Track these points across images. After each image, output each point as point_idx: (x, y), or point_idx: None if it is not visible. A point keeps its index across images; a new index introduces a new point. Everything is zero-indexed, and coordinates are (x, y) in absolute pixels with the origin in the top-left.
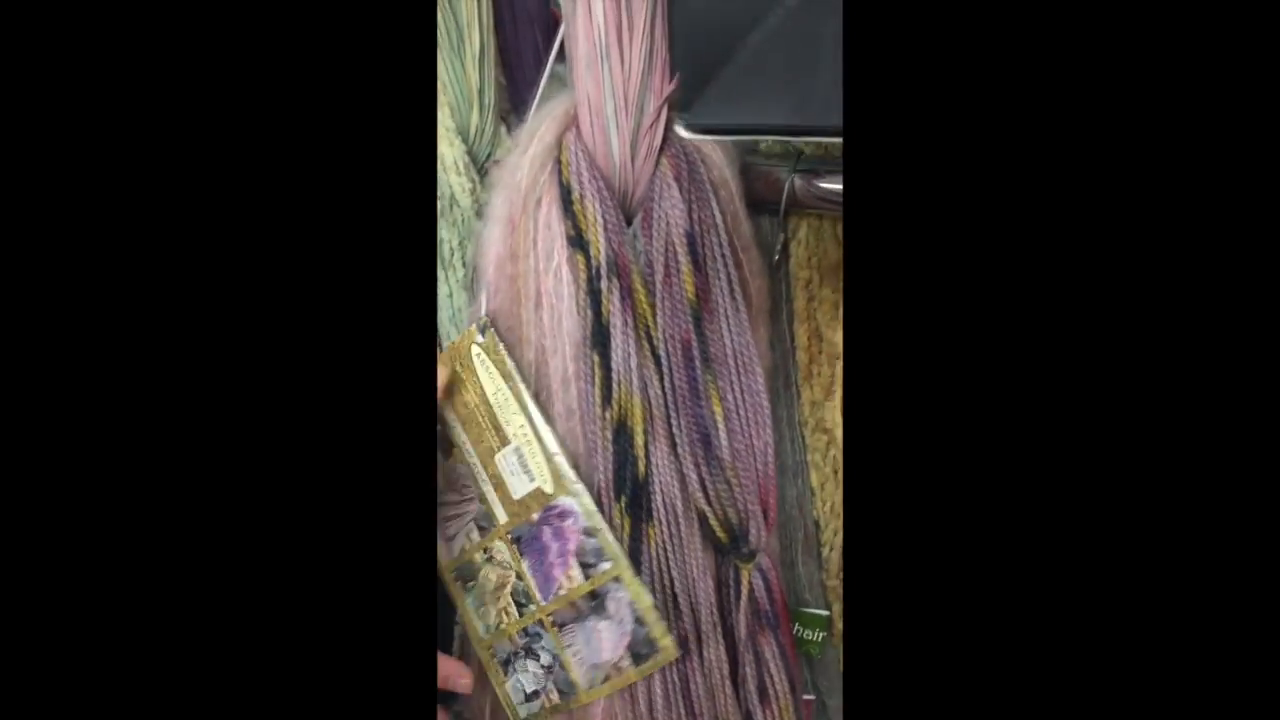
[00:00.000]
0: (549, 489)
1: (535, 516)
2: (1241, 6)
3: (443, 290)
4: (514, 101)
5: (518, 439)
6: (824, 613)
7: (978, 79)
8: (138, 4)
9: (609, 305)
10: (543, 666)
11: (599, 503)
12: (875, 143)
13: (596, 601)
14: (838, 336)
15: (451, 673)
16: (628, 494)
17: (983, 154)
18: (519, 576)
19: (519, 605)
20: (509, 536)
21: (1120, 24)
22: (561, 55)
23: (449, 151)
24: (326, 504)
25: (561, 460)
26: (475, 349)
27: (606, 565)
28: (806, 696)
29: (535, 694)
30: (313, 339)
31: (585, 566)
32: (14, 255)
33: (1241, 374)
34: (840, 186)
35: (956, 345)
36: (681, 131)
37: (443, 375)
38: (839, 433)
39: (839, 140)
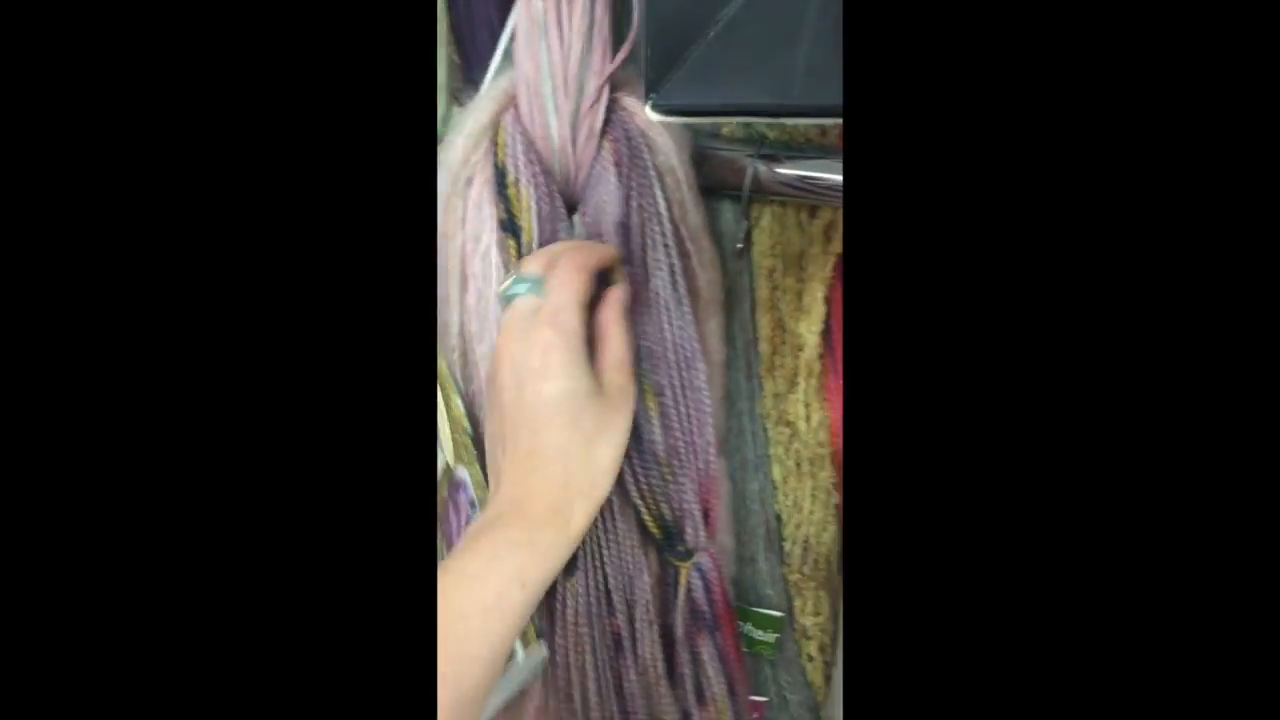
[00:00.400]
0: (451, 461)
1: (445, 493)
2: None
3: None
4: (466, 80)
5: (441, 417)
6: (777, 614)
7: (976, 67)
8: (136, 4)
9: None
10: None
11: None
12: (874, 130)
13: None
14: (801, 327)
15: None
16: None
17: (982, 144)
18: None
19: None
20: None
21: (1122, 11)
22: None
23: None
24: (325, 503)
25: (464, 435)
26: None
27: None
28: (758, 698)
29: None
30: (311, 338)
31: None
32: (14, 255)
33: (1241, 371)
34: (804, 172)
35: (957, 338)
36: (650, 114)
37: None
38: (802, 425)
39: (804, 122)
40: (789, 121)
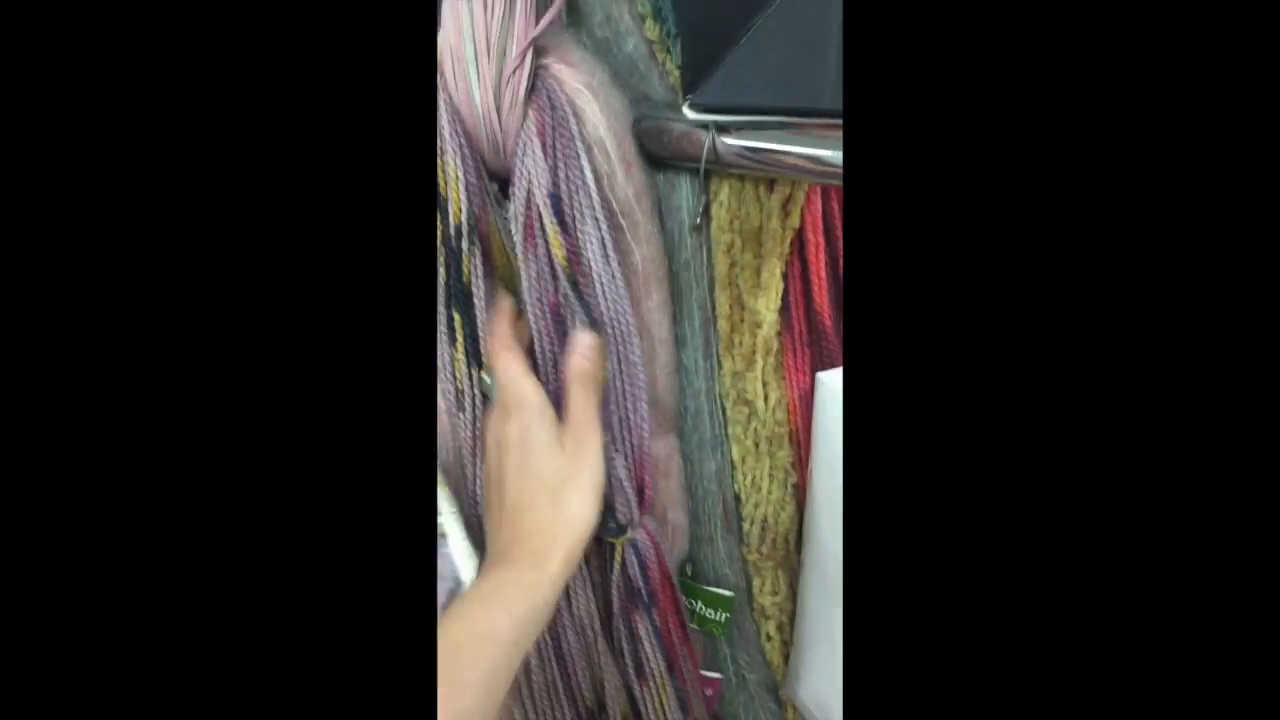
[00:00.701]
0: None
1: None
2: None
3: None
4: None
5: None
6: (727, 593)
7: (979, 67)
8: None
9: (470, 266)
10: None
11: (461, 466)
12: (876, 131)
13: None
14: (759, 304)
15: None
16: None
17: (985, 141)
18: None
19: None
20: None
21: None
22: None
23: None
24: (325, 503)
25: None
26: None
27: (442, 518)
28: (711, 674)
29: None
30: (309, 336)
31: None
32: (11, 255)
33: (1242, 368)
34: (761, 144)
35: (959, 332)
36: (688, 113)
37: None
38: (760, 404)
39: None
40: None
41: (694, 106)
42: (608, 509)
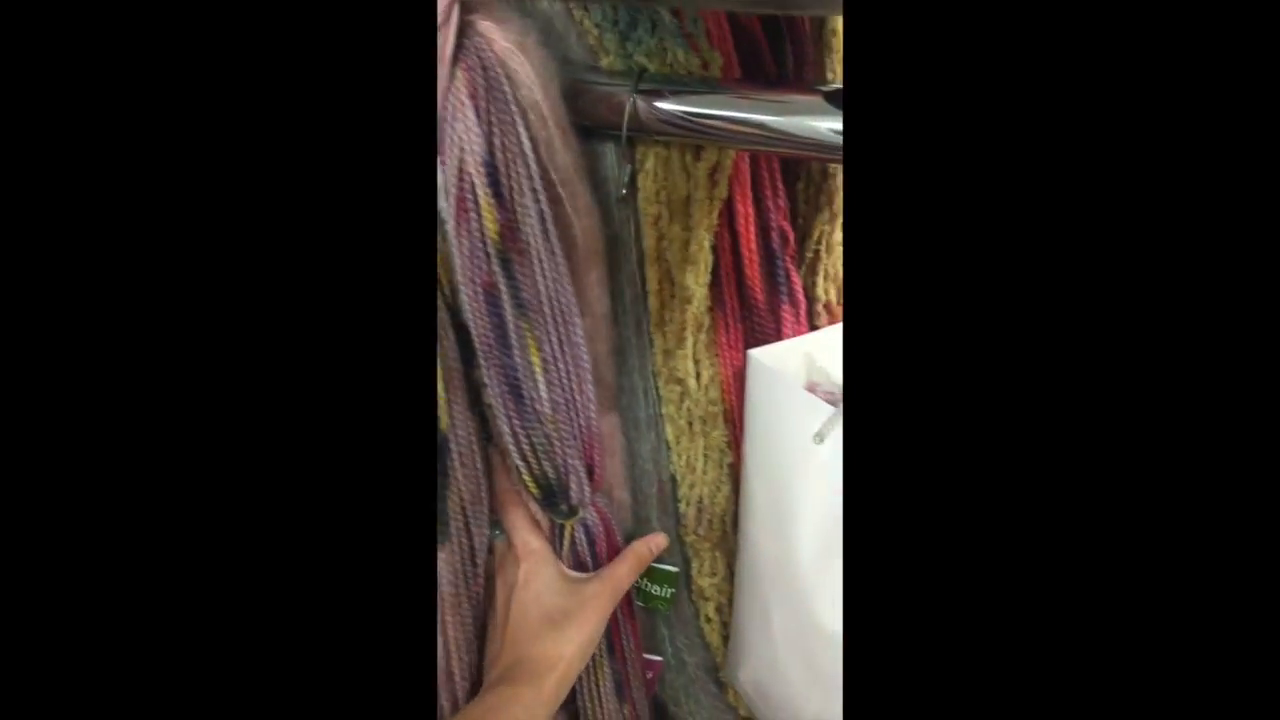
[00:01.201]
0: None
1: None
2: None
3: None
4: None
5: None
6: (673, 569)
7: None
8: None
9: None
10: None
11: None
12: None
13: None
14: (688, 279)
15: None
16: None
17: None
18: None
19: None
20: None
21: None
22: None
23: None
24: (324, 504)
25: None
26: None
27: None
28: (652, 657)
29: None
30: (310, 337)
31: None
32: (8, 255)
33: (1241, 367)
34: (687, 108)
35: (956, 332)
36: None
37: None
38: (692, 383)
39: (687, 58)
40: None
41: None
42: (559, 490)
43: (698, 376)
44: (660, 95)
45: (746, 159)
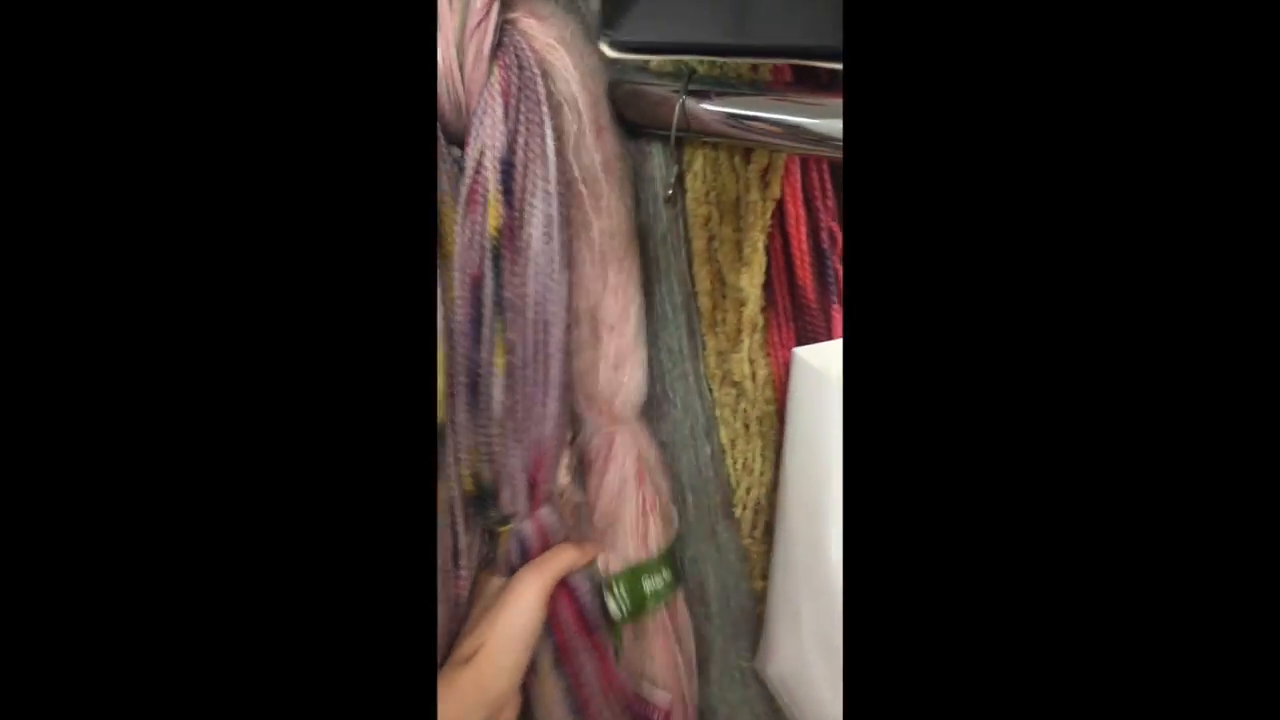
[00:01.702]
0: None
1: None
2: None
3: None
4: None
5: None
6: (656, 557)
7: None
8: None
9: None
10: None
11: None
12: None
13: None
14: (743, 280)
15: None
16: None
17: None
18: None
19: None
20: None
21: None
22: None
23: None
24: (323, 504)
25: None
26: None
27: None
28: (659, 693)
29: None
30: (310, 337)
31: None
32: (11, 254)
33: (1242, 367)
34: (736, 110)
35: (956, 328)
36: (606, 50)
37: None
38: (749, 384)
39: (744, 61)
40: (755, 60)
41: (613, 45)
42: (490, 496)
43: (754, 377)
44: (710, 96)
45: (797, 160)
